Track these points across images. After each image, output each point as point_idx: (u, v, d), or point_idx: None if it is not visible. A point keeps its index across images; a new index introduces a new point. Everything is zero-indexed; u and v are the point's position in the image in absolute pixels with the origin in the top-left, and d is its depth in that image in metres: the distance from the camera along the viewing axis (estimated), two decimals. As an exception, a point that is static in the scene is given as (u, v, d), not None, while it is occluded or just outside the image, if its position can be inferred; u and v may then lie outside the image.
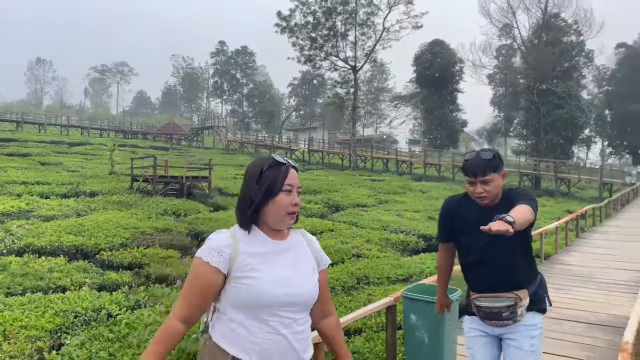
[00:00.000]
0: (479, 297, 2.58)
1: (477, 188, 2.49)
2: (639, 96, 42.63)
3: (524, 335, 2.57)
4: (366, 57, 36.42)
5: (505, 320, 2.54)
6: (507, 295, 2.52)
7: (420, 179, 29.24)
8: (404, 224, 14.56)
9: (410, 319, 3.81)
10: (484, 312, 2.57)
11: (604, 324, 5.62)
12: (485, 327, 2.67)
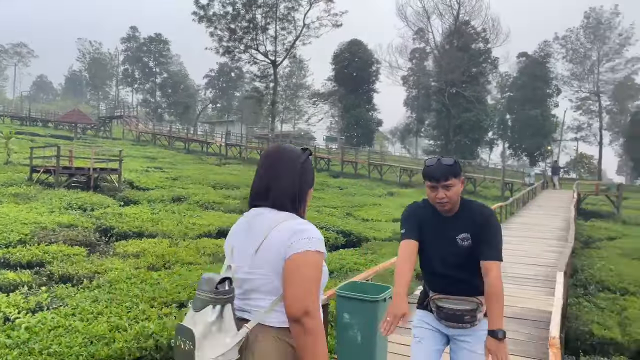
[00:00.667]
0: (442, 297, 2.61)
1: (438, 193, 2.51)
2: (538, 102, 46.18)
3: (477, 339, 2.60)
4: (286, 52, 36.28)
5: (465, 323, 2.58)
6: (470, 299, 2.57)
7: (338, 176, 29.63)
8: (322, 220, 14.59)
9: (344, 318, 3.72)
10: (445, 313, 2.60)
11: (520, 317, 5.86)
12: (438, 324, 2.69)
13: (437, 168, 2.52)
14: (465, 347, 2.63)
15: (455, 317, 2.58)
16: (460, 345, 2.65)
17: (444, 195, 2.51)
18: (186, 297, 7.20)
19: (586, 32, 54.03)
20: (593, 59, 53.99)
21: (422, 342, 2.71)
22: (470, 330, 2.62)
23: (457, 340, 2.67)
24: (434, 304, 2.65)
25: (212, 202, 16.12)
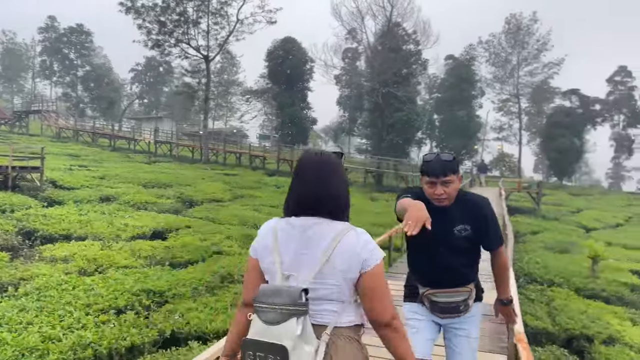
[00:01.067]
0: (436, 292, 2.61)
1: (437, 189, 2.50)
2: (464, 103, 48.18)
3: (472, 324, 2.72)
4: (219, 48, 35.41)
5: (460, 313, 2.64)
6: (463, 289, 2.62)
7: (274, 174, 29.37)
8: (263, 220, 14.29)
9: None
10: (441, 307, 2.62)
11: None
12: (431, 316, 2.71)
13: (436, 164, 2.50)
14: (461, 334, 2.70)
15: (450, 309, 2.62)
16: (457, 332, 2.71)
17: (442, 192, 2.49)
18: (124, 302, 6.77)
19: (507, 38, 56.99)
20: (513, 63, 57.06)
21: (419, 332, 2.70)
22: (464, 317, 2.68)
23: (453, 329, 2.73)
24: (428, 299, 2.64)
25: (144, 202, 15.38)
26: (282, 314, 1.68)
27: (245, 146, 39.50)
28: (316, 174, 1.87)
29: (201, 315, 6.64)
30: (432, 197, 2.53)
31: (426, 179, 2.54)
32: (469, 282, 2.65)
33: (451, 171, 2.49)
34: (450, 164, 2.50)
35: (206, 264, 9.32)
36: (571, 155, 49.43)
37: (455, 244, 2.55)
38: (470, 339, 2.70)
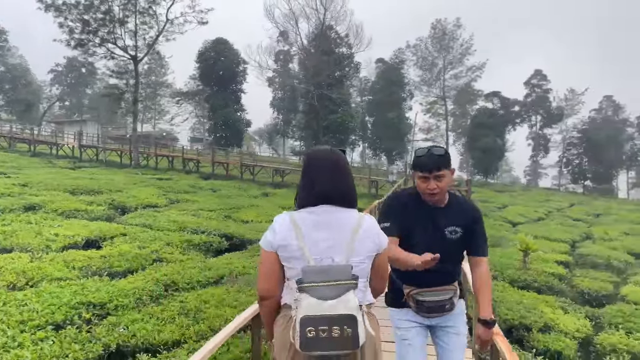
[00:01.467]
0: (421, 291, 2.60)
1: (430, 184, 2.51)
2: (394, 106, 49.55)
3: (458, 321, 2.72)
4: (148, 48, 34.13)
5: (446, 311, 2.63)
6: (448, 287, 2.63)
7: (209, 178, 28.71)
8: (202, 224, 13.96)
9: None
10: (427, 306, 2.61)
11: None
12: (419, 318, 2.69)
13: (428, 158, 2.51)
14: (452, 331, 2.70)
15: (437, 308, 2.62)
16: (447, 330, 2.70)
17: (435, 186, 2.50)
18: (62, 317, 6.35)
19: (433, 42, 59.30)
20: (439, 66, 59.47)
21: (411, 344, 2.68)
22: (450, 315, 2.68)
23: (441, 327, 2.72)
24: (413, 299, 2.62)
25: (73, 209, 14.50)
26: (338, 288, 1.85)
27: (178, 149, 38.37)
28: (332, 168, 2.09)
29: (147, 326, 6.34)
30: (425, 191, 2.54)
31: (419, 174, 2.54)
32: (454, 280, 2.68)
33: (444, 165, 2.51)
34: (442, 158, 2.51)
35: (147, 273, 8.91)
36: (494, 154, 52.19)
37: (445, 245, 2.56)
38: (459, 336, 2.72)
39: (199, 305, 7.28)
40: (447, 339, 2.71)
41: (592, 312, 9.32)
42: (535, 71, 62.15)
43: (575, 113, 65.50)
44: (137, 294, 7.61)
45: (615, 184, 64.18)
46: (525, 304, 8.87)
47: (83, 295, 7.12)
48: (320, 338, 1.82)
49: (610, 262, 13.91)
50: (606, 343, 7.58)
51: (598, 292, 10.68)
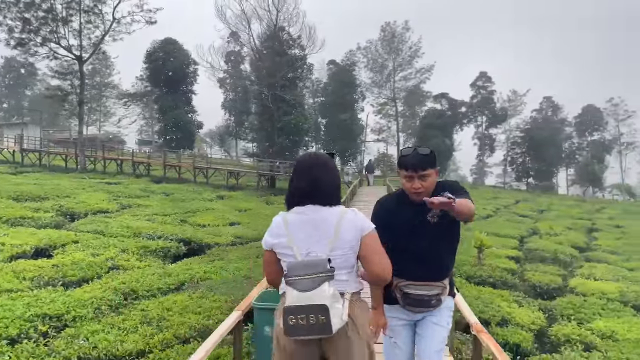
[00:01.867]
0: (409, 284, 2.61)
1: (414, 183, 2.54)
2: (346, 107, 50.01)
3: (443, 315, 2.75)
4: (94, 48, 32.86)
5: (431, 307, 2.66)
6: (437, 284, 2.65)
7: (161, 181, 27.98)
8: (158, 229, 13.60)
9: (264, 332, 3.44)
10: (412, 299, 2.63)
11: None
12: (406, 313, 2.73)
13: (413, 158, 2.53)
14: (431, 320, 2.73)
15: (422, 303, 2.64)
16: (427, 320, 2.74)
17: (420, 186, 2.53)
18: (16, 331, 6.05)
19: (383, 44, 60.20)
20: (389, 68, 60.45)
21: (397, 342, 2.73)
22: (435, 310, 2.71)
23: (424, 319, 2.75)
24: (400, 290, 2.64)
25: (19, 217, 13.80)
26: (314, 281, 2.13)
27: (127, 152, 37.17)
28: (310, 170, 2.36)
29: (109, 337, 6.12)
30: (410, 190, 2.57)
31: (404, 173, 2.57)
32: (444, 276, 2.70)
33: (429, 165, 2.53)
34: (427, 158, 2.53)
35: (104, 281, 8.60)
36: (443, 154, 53.57)
37: (433, 234, 2.57)
38: (438, 326, 2.72)
39: (162, 313, 7.10)
40: (425, 326, 2.74)
41: (545, 304, 9.73)
42: (481, 73, 64.22)
43: (518, 113, 68.20)
44: (95, 303, 7.35)
45: (556, 181, 67.36)
46: (482, 299, 9.16)
47: (37, 307, 6.81)
48: (300, 325, 2.11)
49: (557, 256, 14.57)
50: (560, 334, 7.92)
51: (548, 285, 11.16)
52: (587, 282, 11.64)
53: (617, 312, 9.34)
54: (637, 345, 7.58)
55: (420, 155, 2.53)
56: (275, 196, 26.46)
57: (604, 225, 23.86)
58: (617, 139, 68.16)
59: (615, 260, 14.83)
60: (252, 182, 31.58)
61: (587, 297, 10.20)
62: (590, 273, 12.67)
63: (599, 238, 19.45)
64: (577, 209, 32.02)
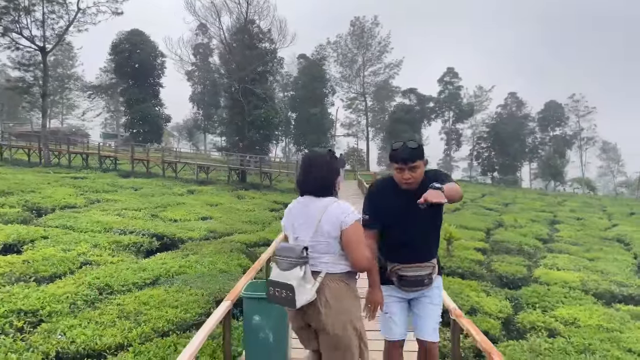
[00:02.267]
0: (403, 267, 2.91)
1: (405, 174, 2.81)
2: (317, 101, 50.14)
3: (435, 293, 3.07)
4: (58, 39, 31.92)
5: (424, 286, 2.96)
6: (427, 264, 2.95)
7: (129, 176, 27.49)
8: (129, 224, 13.45)
9: (253, 320, 3.56)
10: (407, 281, 2.93)
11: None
12: (400, 293, 3.02)
13: (403, 151, 2.79)
14: (425, 300, 3.04)
15: (416, 283, 2.93)
16: (421, 300, 3.04)
17: (410, 176, 2.80)
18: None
19: (352, 39, 60.55)
20: (359, 63, 60.89)
21: (392, 317, 3.02)
22: (428, 289, 3.01)
23: (419, 298, 3.05)
24: (395, 274, 2.93)
25: (-18, 212, 13.43)
26: (290, 264, 2.57)
27: (93, 146, 36.33)
28: (305, 166, 2.80)
29: (87, 331, 6.11)
30: (401, 181, 2.84)
31: (395, 165, 2.84)
32: (432, 257, 3.00)
33: (417, 157, 2.79)
34: (416, 151, 2.79)
35: (77, 277, 8.50)
36: (411, 149, 54.41)
37: (420, 219, 2.83)
38: (432, 305, 3.05)
39: (139, 308, 7.11)
40: (421, 306, 3.05)
41: (511, 294, 10.11)
42: (448, 69, 65.39)
43: (483, 109, 69.82)
44: (70, 298, 7.30)
45: (520, 175, 69.30)
46: (452, 289, 9.46)
47: (11, 303, 6.74)
48: (276, 296, 2.61)
49: (522, 247, 15.11)
50: (526, 321, 8.29)
51: (514, 275, 11.58)
52: (550, 272, 12.12)
53: (579, 300, 9.79)
54: (598, 331, 8.00)
55: (409, 149, 2.79)
56: (246, 190, 26.40)
57: (565, 217, 24.75)
58: (578, 134, 70.55)
59: (576, 251, 15.43)
60: (222, 176, 31.39)
61: (551, 286, 10.65)
62: (553, 263, 13.19)
63: (560, 230, 20.17)
64: (540, 202, 33.07)
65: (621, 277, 11.94)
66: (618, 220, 25.22)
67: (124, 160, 32.34)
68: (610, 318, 8.66)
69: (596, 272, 12.54)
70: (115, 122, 65.59)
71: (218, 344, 5.53)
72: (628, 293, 10.79)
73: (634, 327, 8.50)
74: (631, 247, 16.94)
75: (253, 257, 10.96)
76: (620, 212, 29.96)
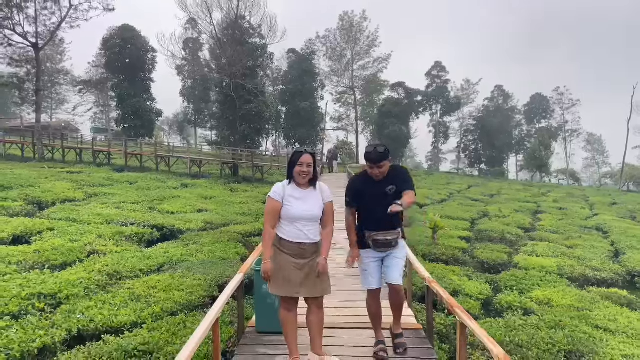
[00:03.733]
0: (377, 234, 4.09)
1: (374, 171, 4.02)
2: (306, 95, 50.68)
3: (400, 252, 4.29)
4: (51, 35, 32.12)
5: (392, 247, 4.14)
6: (393, 232, 4.15)
7: (123, 170, 27.93)
8: (129, 216, 14.03)
9: (262, 289, 4.27)
10: (382, 243, 4.10)
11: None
12: (376, 254, 4.23)
13: (373, 154, 3.97)
14: (392, 256, 4.24)
15: (386, 244, 4.11)
16: (390, 256, 4.24)
17: (378, 172, 4.02)
18: (16, 308, 6.64)
19: (341, 34, 60.99)
20: (348, 57, 61.35)
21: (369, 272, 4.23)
22: (394, 249, 4.21)
23: (388, 256, 4.24)
24: (372, 239, 4.11)
25: (-13, 206, 13.90)
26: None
27: (87, 142, 36.61)
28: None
29: (103, 311, 6.72)
30: (372, 175, 4.05)
31: (368, 164, 3.99)
32: (396, 227, 4.16)
33: (384, 159, 3.98)
34: (383, 155, 3.98)
35: (87, 265, 9.10)
36: (400, 141, 55.17)
37: (387, 201, 3.88)
38: (397, 259, 4.26)
39: (148, 291, 7.73)
40: (389, 261, 4.23)
41: (491, 278, 10.84)
42: (436, 63, 66.14)
43: (470, 102, 70.75)
44: (84, 283, 7.89)
45: (506, 167, 70.47)
46: (436, 274, 10.18)
47: (31, 288, 7.31)
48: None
49: (505, 235, 15.88)
50: (504, 302, 9.02)
51: (495, 261, 12.32)
52: (529, 258, 12.88)
53: (554, 283, 10.54)
54: (569, 310, 8.74)
55: (378, 153, 3.97)
56: (239, 184, 26.97)
57: (548, 207, 25.60)
58: (563, 127, 71.80)
59: (556, 239, 16.17)
60: (215, 170, 31.90)
61: (529, 270, 11.40)
62: (533, 250, 13.96)
63: (543, 219, 20.95)
64: (525, 193, 33.96)
65: (596, 263, 12.66)
66: (599, 210, 26.11)
67: (117, 155, 32.69)
68: (581, 299, 9.39)
69: (573, 258, 13.27)
70: (105, 116, 65.61)
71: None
72: (601, 277, 11.53)
73: (603, 306, 9.21)
74: (609, 235, 17.69)
75: (250, 246, 11.63)
76: (603, 202, 30.90)
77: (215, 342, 3.84)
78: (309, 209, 3.79)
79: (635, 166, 61.83)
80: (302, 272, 3.77)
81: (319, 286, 3.83)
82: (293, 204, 3.78)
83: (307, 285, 3.79)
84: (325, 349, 4.06)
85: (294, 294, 3.80)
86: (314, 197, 3.86)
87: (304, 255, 3.79)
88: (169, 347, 5.56)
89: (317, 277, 3.79)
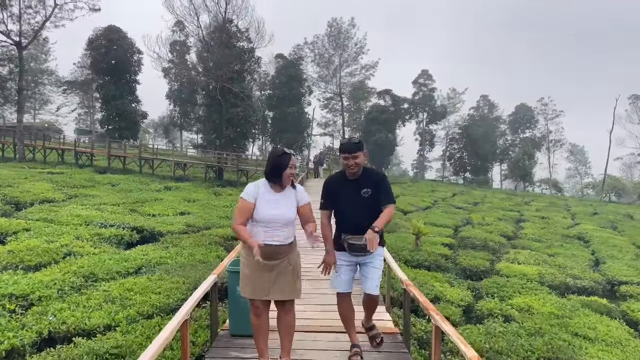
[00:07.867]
0: (352, 237, 3.89)
1: (349, 162, 3.89)
2: (293, 100, 50.55)
3: (377, 259, 4.08)
4: (35, 34, 31.67)
5: (367, 252, 3.83)
6: None
7: (105, 172, 27.56)
8: (109, 218, 13.79)
9: (236, 291, 4.14)
10: (355, 247, 3.88)
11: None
12: (350, 258, 4.04)
13: (348, 145, 3.91)
14: (370, 264, 4.06)
15: (361, 249, 3.85)
16: (367, 264, 4.06)
17: (353, 163, 3.88)
18: None
19: (330, 40, 61.12)
20: (336, 63, 61.46)
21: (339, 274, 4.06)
22: (370, 255, 3.99)
23: (364, 262, 4.07)
24: (346, 242, 3.91)
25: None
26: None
27: (69, 142, 36.10)
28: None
29: (76, 313, 6.55)
30: (347, 167, 3.90)
31: (343, 155, 3.90)
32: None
33: (358, 149, 3.88)
34: (357, 145, 3.92)
35: (62, 266, 8.89)
36: (386, 149, 55.33)
37: (362, 203, 3.85)
38: (374, 268, 4.07)
39: (124, 294, 7.55)
40: (366, 269, 4.07)
41: (473, 284, 10.84)
42: (422, 71, 66.56)
43: (456, 111, 71.33)
44: (58, 285, 7.70)
45: (490, 176, 71.01)
46: (418, 280, 10.13)
47: (2, 289, 7.11)
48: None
49: (487, 243, 15.91)
50: (484, 309, 8.98)
51: (477, 268, 12.32)
52: (511, 265, 12.91)
53: (535, 290, 10.56)
54: (549, 317, 8.75)
55: (352, 144, 3.90)
56: (223, 187, 26.75)
57: (530, 216, 25.79)
58: (546, 137, 72.67)
59: (538, 247, 16.27)
60: (199, 173, 31.64)
61: (510, 278, 11.41)
62: (515, 258, 14.00)
63: (525, 227, 21.09)
64: (508, 201, 34.21)
65: (577, 271, 12.74)
66: (581, 219, 26.39)
67: (100, 157, 32.27)
68: (561, 307, 9.41)
69: (554, 266, 13.35)
70: (90, 118, 64.83)
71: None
72: (582, 285, 11.61)
73: (583, 314, 9.25)
74: (590, 244, 17.86)
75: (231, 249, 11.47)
76: (584, 211, 31.25)
77: (183, 345, 3.67)
78: (280, 214, 3.64)
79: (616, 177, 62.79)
80: (272, 273, 3.65)
81: (288, 288, 3.71)
82: (264, 207, 3.62)
83: (278, 285, 3.67)
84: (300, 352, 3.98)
85: (263, 297, 3.70)
86: (288, 199, 3.71)
87: (275, 257, 3.65)
88: (142, 350, 5.41)
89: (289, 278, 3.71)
